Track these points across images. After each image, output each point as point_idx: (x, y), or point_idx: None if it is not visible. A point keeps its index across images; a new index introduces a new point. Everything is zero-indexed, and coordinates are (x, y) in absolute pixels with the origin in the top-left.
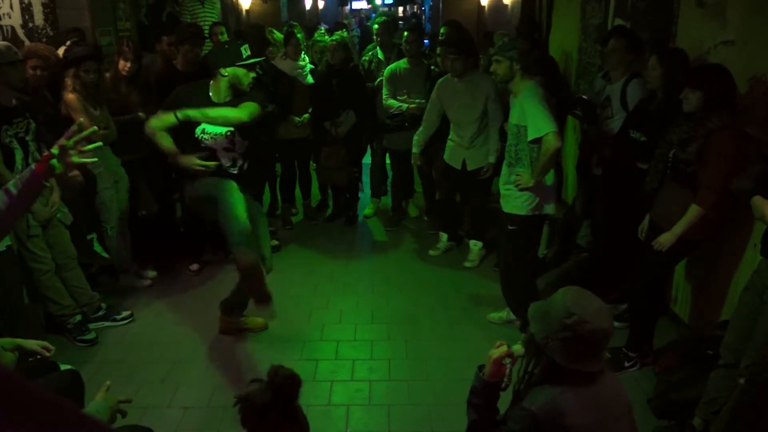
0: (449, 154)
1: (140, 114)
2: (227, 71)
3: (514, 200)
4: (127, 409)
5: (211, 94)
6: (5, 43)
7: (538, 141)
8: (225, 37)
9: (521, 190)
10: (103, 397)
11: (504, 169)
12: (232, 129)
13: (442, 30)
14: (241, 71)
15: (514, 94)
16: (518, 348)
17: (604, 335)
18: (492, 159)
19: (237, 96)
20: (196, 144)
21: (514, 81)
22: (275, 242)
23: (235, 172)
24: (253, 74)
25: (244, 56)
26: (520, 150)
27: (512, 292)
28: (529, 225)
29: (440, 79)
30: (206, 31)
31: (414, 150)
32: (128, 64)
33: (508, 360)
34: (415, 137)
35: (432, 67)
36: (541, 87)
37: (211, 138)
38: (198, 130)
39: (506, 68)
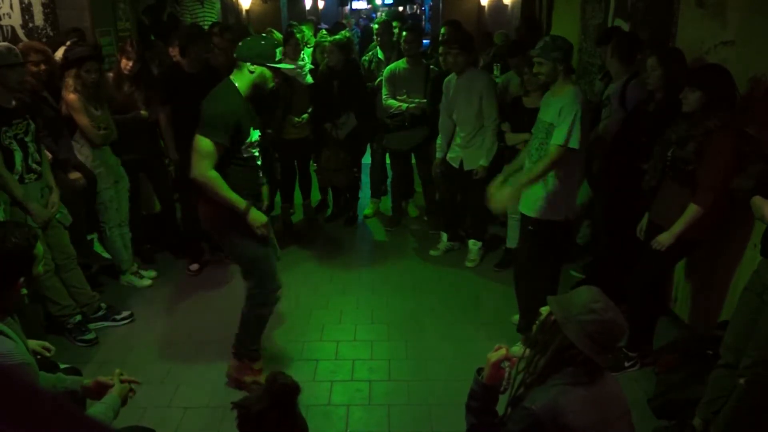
0: (450, 153)
1: (142, 112)
2: (256, 69)
3: (526, 199)
4: (127, 409)
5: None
6: (6, 44)
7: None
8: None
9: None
10: (118, 391)
11: (526, 165)
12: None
13: (442, 30)
14: (268, 73)
15: (551, 93)
16: (517, 349)
17: (621, 332)
18: (484, 162)
19: (256, 95)
20: (239, 154)
21: (557, 83)
22: None
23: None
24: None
25: (277, 59)
26: (543, 148)
27: (523, 294)
28: (544, 229)
29: (446, 79)
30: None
31: (438, 155)
32: (130, 64)
33: (506, 363)
34: (438, 142)
35: (431, 67)
36: (582, 95)
37: (257, 143)
38: (254, 136)
39: (550, 69)
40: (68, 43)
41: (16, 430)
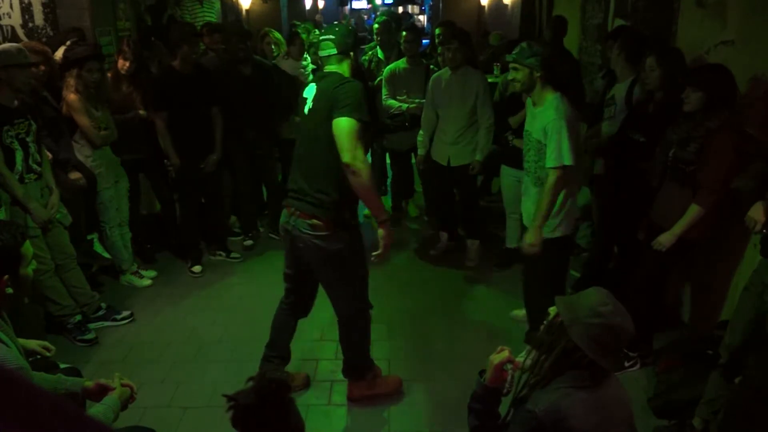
0: (435, 151)
1: (141, 112)
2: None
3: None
4: (128, 409)
5: None
6: (16, 45)
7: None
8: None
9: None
10: (118, 393)
11: (528, 186)
12: None
13: (437, 31)
14: None
15: (534, 104)
16: (522, 358)
17: (628, 337)
18: (479, 157)
19: None
20: None
21: (535, 90)
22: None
23: None
24: None
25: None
26: (540, 168)
27: (531, 305)
28: (555, 246)
29: (433, 75)
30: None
31: (420, 152)
32: (127, 64)
33: (510, 366)
34: (419, 139)
35: (431, 67)
36: (566, 101)
37: None
38: None
39: (526, 76)
40: (68, 42)
41: (16, 430)
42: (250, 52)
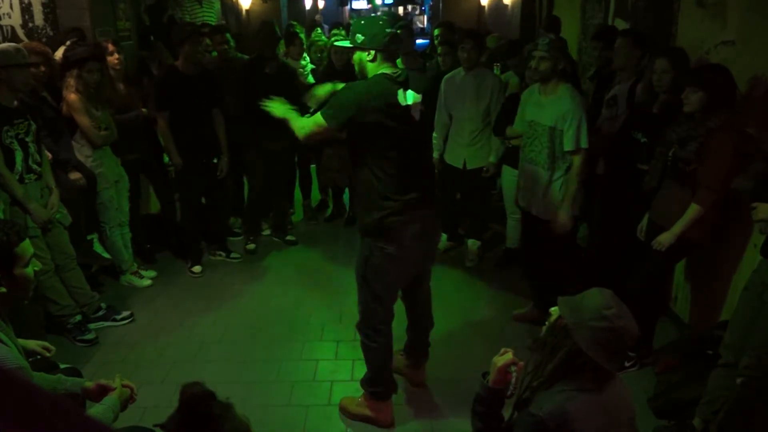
0: (449, 154)
1: (143, 110)
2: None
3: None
4: (128, 409)
5: None
6: (15, 45)
7: (573, 152)
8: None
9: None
10: (118, 393)
11: (535, 172)
12: None
13: (436, 32)
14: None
15: (545, 93)
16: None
17: (632, 339)
18: (493, 159)
19: None
20: None
21: (552, 82)
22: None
23: None
24: None
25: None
26: (557, 151)
27: (541, 288)
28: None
29: (446, 76)
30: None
31: (434, 154)
32: (115, 59)
33: (514, 368)
34: (433, 142)
35: (427, 65)
36: (578, 93)
37: None
38: None
39: (550, 66)
40: (68, 43)
41: (16, 430)
42: (275, 51)
